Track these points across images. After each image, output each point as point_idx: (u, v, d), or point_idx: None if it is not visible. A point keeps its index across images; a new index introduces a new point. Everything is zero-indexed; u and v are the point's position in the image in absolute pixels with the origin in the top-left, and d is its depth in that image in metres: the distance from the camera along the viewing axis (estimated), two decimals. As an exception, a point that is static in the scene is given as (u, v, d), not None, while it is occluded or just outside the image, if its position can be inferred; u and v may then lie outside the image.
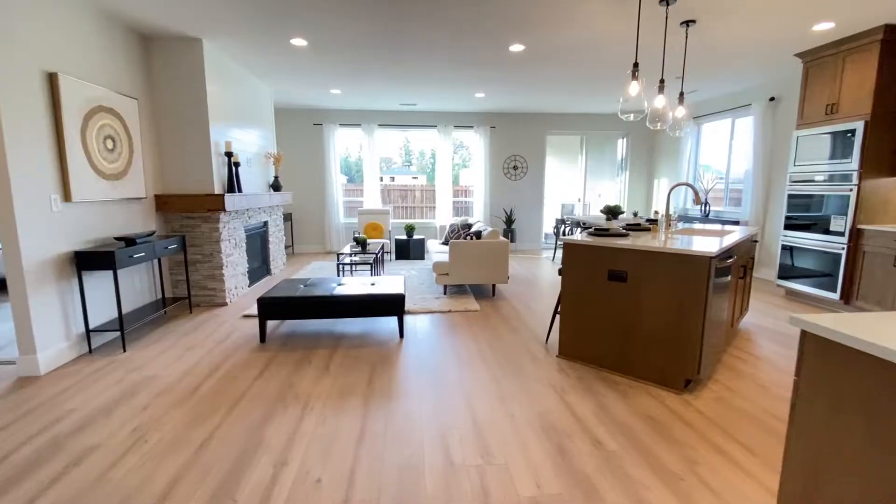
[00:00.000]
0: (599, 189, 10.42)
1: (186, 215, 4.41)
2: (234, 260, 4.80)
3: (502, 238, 4.80)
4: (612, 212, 6.72)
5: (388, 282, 3.91)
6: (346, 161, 9.05)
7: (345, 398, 2.57)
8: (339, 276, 4.96)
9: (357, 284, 3.81)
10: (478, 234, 4.87)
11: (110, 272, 3.58)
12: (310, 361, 3.11)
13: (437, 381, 2.79)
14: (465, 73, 5.34)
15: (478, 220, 6.70)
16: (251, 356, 3.22)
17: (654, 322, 2.70)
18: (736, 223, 6.13)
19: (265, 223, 5.92)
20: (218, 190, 4.47)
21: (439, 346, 3.41)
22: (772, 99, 5.71)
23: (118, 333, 3.62)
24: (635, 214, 3.83)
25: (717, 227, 4.13)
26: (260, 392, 2.65)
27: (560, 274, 3.27)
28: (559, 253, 7.74)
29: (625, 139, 8.65)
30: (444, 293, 4.88)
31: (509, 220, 8.16)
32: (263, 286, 5.44)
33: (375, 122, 7.84)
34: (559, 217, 7.23)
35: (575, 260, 3.01)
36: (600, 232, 3.14)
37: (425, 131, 8.10)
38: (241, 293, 4.96)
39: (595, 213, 9.35)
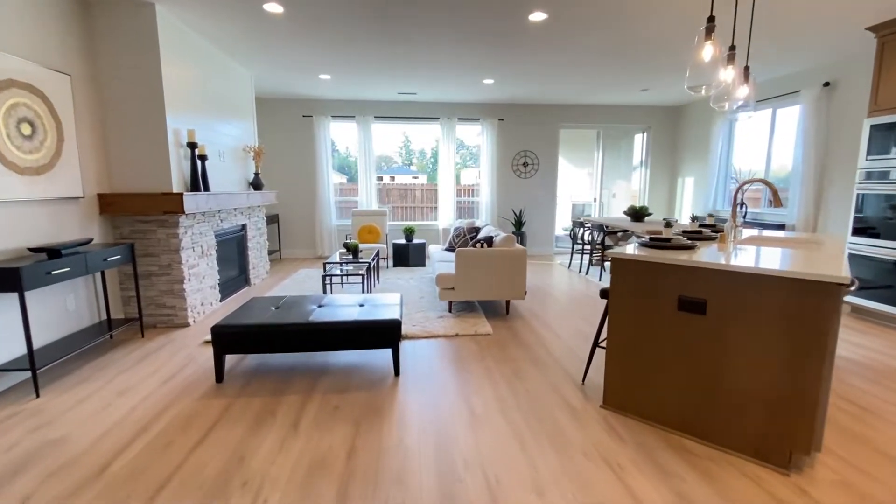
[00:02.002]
0: (614, 189, 9.69)
1: (139, 218, 3.65)
2: (200, 271, 4.04)
3: (518, 245, 4.03)
4: (637, 213, 5.97)
5: (381, 302, 3.15)
6: (345, 159, 8.29)
7: (314, 483, 1.81)
8: (324, 291, 4.20)
9: (342, 306, 3.05)
10: (489, 240, 4.11)
11: (26, 293, 2.81)
12: (274, 414, 2.35)
13: (446, 453, 2.03)
14: (473, 53, 4.57)
15: (486, 222, 5.95)
16: (200, 405, 2.46)
17: (748, 371, 1.94)
18: (780, 227, 5.37)
19: (243, 226, 5.16)
20: (178, 187, 3.71)
21: (445, 389, 2.65)
22: (826, 84, 4.95)
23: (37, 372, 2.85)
24: (694, 219, 3.07)
25: (787, 234, 3.37)
26: (196, 470, 1.88)
27: (603, 296, 2.51)
28: (576, 260, 6.98)
29: (645, 134, 7.89)
30: (450, 310, 4.13)
31: (519, 223, 7.41)
32: (239, 300, 4.68)
33: (371, 114, 7.08)
34: (576, 219, 6.47)
35: (627, 281, 2.25)
36: (659, 242, 2.38)
37: (426, 125, 7.34)
38: (209, 310, 4.20)
39: (616, 215, 8.61)
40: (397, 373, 2.81)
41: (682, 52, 4.57)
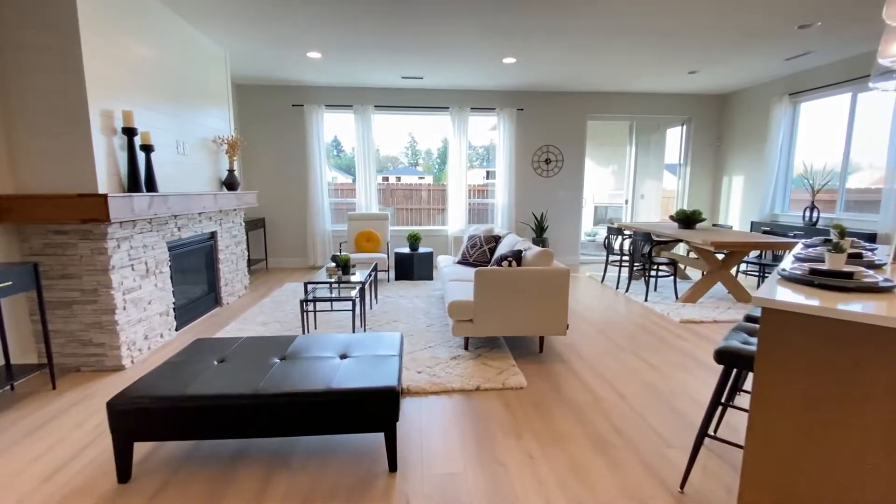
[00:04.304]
0: (642, 189, 8.72)
1: (54, 228, 2.75)
2: (143, 295, 3.13)
3: (559, 264, 3.08)
4: (688, 219, 4.98)
5: (371, 350, 2.20)
6: (351, 160, 7.38)
7: None
8: (303, 323, 3.26)
9: (315, 358, 2.10)
10: (516, 256, 3.16)
11: None
12: (188, 564, 1.41)
13: None
14: (493, 22, 3.63)
15: (507, 230, 5.00)
16: (77, 534, 1.53)
17: None
18: (871, 238, 4.37)
19: (212, 234, 4.24)
20: (108, 187, 2.81)
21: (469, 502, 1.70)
22: (936, 58, 3.94)
23: None
24: (842, 235, 2.06)
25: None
26: None
27: (722, 361, 1.56)
28: (612, 272, 5.98)
29: (684, 126, 6.90)
30: (466, 347, 3.18)
31: (540, 228, 6.44)
32: (201, 327, 3.76)
33: (370, 104, 6.15)
34: (610, 224, 5.50)
35: (795, 347, 1.29)
36: (829, 279, 1.41)
37: (434, 116, 6.39)
38: (158, 344, 3.28)
39: (648, 220, 7.64)
40: (393, 467, 1.86)
41: (755, 15, 3.59)
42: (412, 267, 5.53)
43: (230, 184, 4.46)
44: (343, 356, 2.14)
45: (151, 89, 3.30)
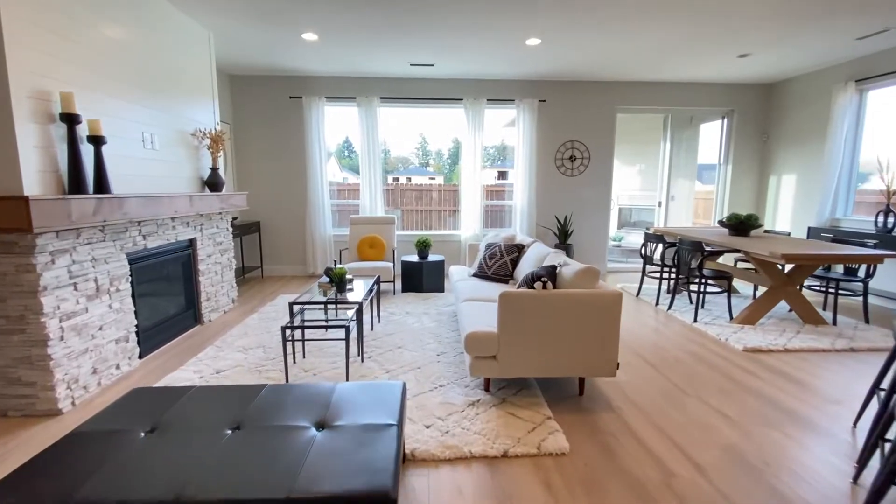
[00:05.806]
0: (673, 189, 8.00)
1: (-29, 239, 2.19)
2: (91, 320, 2.55)
3: (605, 284, 2.45)
4: (741, 224, 4.25)
5: (360, 413, 1.58)
6: (358, 158, 6.86)
7: None
8: (285, 356, 2.65)
9: (281, 428, 1.49)
10: (550, 274, 2.53)
11: None
12: None
13: None
14: (520, -17, 3.01)
15: (532, 238, 4.36)
16: None
17: None
18: (969, 246, 3.64)
19: (190, 242, 3.68)
20: (39, 187, 2.24)
21: None
22: None
23: None
24: None
25: None
26: None
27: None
28: (649, 284, 5.29)
29: (725, 120, 6.18)
30: (486, 389, 2.55)
31: (564, 233, 5.79)
32: (172, 353, 3.18)
33: (375, 95, 5.55)
34: (647, 229, 4.82)
35: None
36: None
37: (446, 109, 5.77)
38: (111, 379, 2.71)
39: (683, 223, 6.92)
40: None
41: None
42: (421, 277, 4.91)
43: (213, 183, 3.90)
44: (321, 425, 1.53)
45: (112, 71, 2.74)
